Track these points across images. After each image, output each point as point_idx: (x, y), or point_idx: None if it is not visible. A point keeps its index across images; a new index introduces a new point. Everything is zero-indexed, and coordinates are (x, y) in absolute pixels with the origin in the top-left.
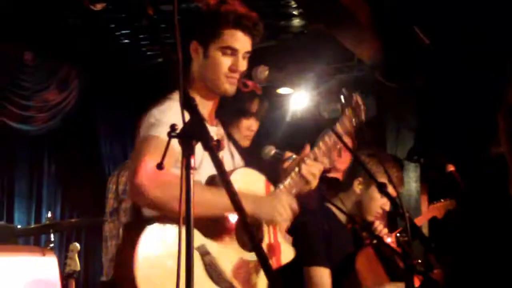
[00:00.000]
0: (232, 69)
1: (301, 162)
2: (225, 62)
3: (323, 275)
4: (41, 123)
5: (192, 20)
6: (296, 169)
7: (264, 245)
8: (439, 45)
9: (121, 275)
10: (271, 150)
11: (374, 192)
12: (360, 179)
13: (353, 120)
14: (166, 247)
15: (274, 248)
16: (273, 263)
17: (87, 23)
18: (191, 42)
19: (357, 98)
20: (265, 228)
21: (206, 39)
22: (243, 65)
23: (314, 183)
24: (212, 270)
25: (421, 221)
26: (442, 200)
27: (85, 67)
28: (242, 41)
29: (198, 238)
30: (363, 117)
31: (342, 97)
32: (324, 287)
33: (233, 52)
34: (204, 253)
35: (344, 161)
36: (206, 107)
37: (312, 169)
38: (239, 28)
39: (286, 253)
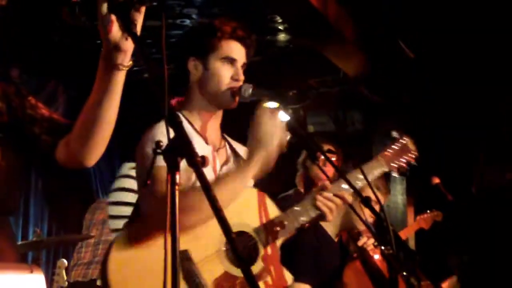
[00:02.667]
0: (234, 78)
1: (317, 193)
2: (226, 72)
3: None
4: None
5: (187, 37)
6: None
7: (261, 265)
8: (424, 59)
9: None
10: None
11: (358, 205)
12: None
13: (393, 163)
14: (138, 248)
15: (271, 270)
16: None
17: (73, 39)
18: (187, 59)
19: (409, 142)
20: (264, 250)
21: (204, 53)
22: (242, 75)
23: (330, 217)
24: (189, 277)
25: (408, 233)
26: (428, 212)
27: (72, 83)
28: (239, 52)
29: (183, 242)
30: (408, 164)
31: (392, 137)
32: None
33: (233, 62)
34: (184, 259)
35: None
36: (211, 127)
37: (329, 203)
38: (235, 39)
39: (286, 278)
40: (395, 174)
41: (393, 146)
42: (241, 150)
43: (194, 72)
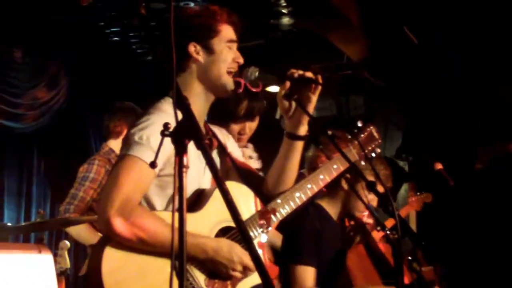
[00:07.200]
0: (235, 60)
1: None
2: (229, 55)
3: (307, 274)
4: (30, 121)
5: (186, 22)
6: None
7: None
8: (427, 45)
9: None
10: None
11: (361, 189)
12: (347, 176)
13: (363, 152)
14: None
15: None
16: None
17: (76, 21)
18: (187, 44)
19: (373, 131)
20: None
21: (207, 37)
22: (242, 57)
23: None
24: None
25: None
26: (418, 194)
27: (75, 65)
28: (235, 36)
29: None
30: (373, 151)
31: (357, 127)
32: (307, 286)
33: (234, 45)
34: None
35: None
36: (202, 115)
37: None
38: (230, 24)
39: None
40: (362, 162)
41: (360, 135)
42: (222, 136)
43: (196, 58)
